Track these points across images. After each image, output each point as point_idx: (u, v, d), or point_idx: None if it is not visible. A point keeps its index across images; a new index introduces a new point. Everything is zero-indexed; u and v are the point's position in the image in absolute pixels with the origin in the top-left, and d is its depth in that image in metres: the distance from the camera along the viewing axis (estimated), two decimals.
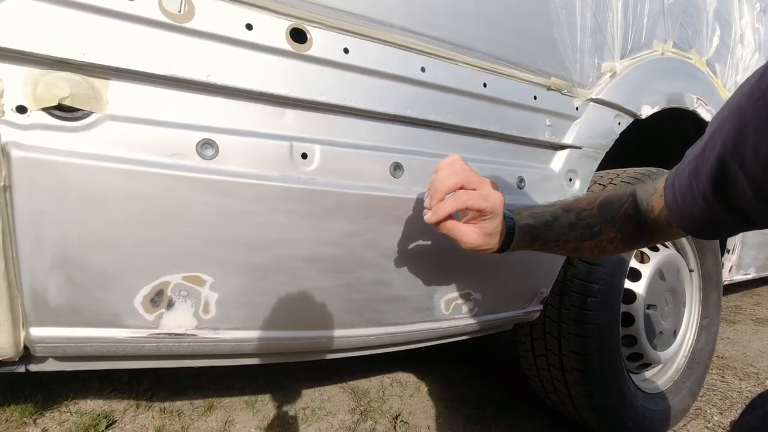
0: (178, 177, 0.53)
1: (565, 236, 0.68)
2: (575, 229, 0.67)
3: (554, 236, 0.68)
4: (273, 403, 1.43)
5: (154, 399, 1.39)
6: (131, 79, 0.52)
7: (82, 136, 0.49)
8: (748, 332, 2.34)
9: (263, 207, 0.59)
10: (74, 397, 1.34)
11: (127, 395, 1.39)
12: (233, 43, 0.57)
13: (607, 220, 0.65)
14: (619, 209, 0.64)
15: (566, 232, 0.67)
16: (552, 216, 0.68)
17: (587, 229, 0.66)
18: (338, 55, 0.64)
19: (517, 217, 0.69)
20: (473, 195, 0.59)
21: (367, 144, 0.68)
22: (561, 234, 0.68)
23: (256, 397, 1.45)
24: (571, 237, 0.67)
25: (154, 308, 0.56)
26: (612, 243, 0.66)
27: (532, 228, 0.68)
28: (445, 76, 0.75)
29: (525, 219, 0.69)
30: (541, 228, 0.68)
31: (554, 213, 0.69)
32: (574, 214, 0.67)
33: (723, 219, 0.48)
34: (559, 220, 0.68)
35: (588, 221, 0.66)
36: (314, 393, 1.51)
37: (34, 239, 0.47)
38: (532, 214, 0.70)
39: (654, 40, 1.11)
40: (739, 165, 0.42)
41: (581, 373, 1.06)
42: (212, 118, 0.57)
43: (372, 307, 0.73)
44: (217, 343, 0.62)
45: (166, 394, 1.41)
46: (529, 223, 0.68)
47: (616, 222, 0.64)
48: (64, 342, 0.52)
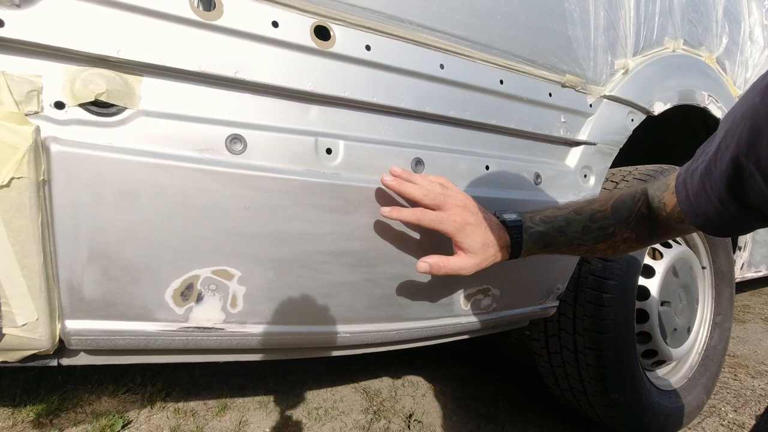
0: (208, 171, 0.54)
1: (579, 240, 0.68)
2: (588, 232, 0.67)
3: (567, 241, 0.69)
4: (286, 403, 1.44)
5: (168, 399, 1.39)
6: (163, 76, 0.53)
7: (117, 131, 0.50)
8: (758, 331, 2.33)
9: (289, 201, 0.59)
10: (89, 398, 1.35)
11: (141, 396, 1.39)
12: (260, 40, 0.58)
13: (621, 221, 0.65)
14: (632, 209, 0.64)
15: (579, 236, 0.68)
16: (565, 221, 0.69)
17: (601, 231, 0.66)
18: (360, 52, 0.65)
19: (528, 223, 0.70)
20: (429, 215, 0.62)
21: (388, 139, 0.69)
22: (574, 238, 0.68)
23: (269, 397, 1.45)
24: (585, 240, 0.68)
25: (184, 302, 0.56)
26: (626, 242, 0.66)
27: (543, 235, 0.69)
28: (463, 73, 0.76)
29: (537, 226, 0.70)
30: (553, 234, 0.69)
31: (567, 217, 0.69)
32: (587, 216, 0.67)
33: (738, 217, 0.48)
34: (572, 225, 0.68)
35: (601, 223, 0.66)
36: (326, 393, 1.51)
37: (71, 233, 0.48)
38: (544, 218, 0.70)
39: (665, 37, 1.11)
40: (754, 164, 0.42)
41: (597, 370, 1.06)
42: (240, 113, 0.57)
43: (394, 302, 0.73)
44: (243, 338, 0.62)
45: (180, 394, 1.42)
46: (541, 230, 0.69)
47: (630, 222, 0.64)
48: (98, 335, 0.53)
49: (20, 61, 0.46)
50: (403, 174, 0.64)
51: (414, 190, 0.62)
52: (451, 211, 0.63)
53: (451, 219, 0.63)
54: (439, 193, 0.64)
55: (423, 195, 0.62)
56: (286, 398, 1.46)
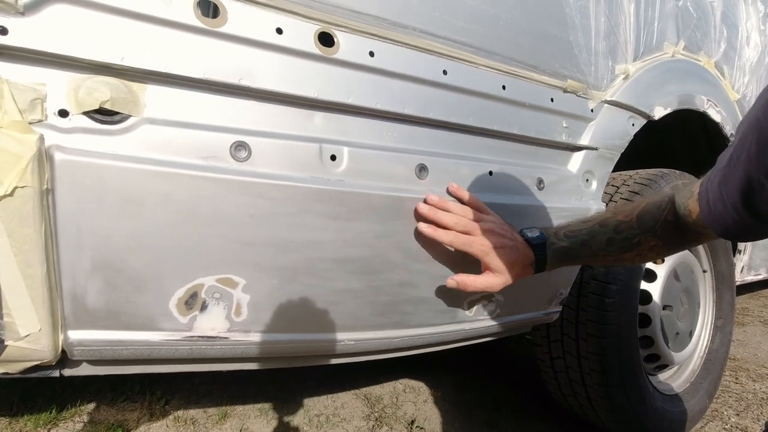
0: (212, 179, 0.53)
1: (604, 251, 0.69)
2: (614, 243, 0.68)
3: (592, 252, 0.71)
4: (286, 410, 1.42)
5: (168, 407, 1.38)
6: (167, 83, 0.52)
7: (121, 139, 0.50)
8: (758, 334, 2.33)
9: (294, 208, 0.59)
10: (88, 407, 1.33)
11: (140, 404, 1.38)
12: (264, 47, 0.58)
13: (646, 230, 0.65)
14: (658, 217, 0.65)
15: (604, 247, 0.69)
16: (588, 234, 0.70)
17: (626, 242, 0.67)
18: (364, 58, 0.65)
19: (552, 239, 0.72)
20: (460, 238, 0.68)
21: (392, 146, 0.69)
22: (599, 250, 0.70)
23: (269, 404, 1.44)
24: (610, 251, 0.69)
25: (188, 311, 0.56)
26: (653, 250, 0.67)
27: (567, 250, 0.71)
28: (466, 78, 0.76)
29: (560, 241, 0.72)
30: (577, 248, 0.71)
31: (591, 231, 0.70)
32: (611, 228, 0.68)
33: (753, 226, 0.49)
34: (596, 238, 0.70)
35: (626, 234, 0.67)
36: (327, 400, 1.50)
37: (75, 242, 0.48)
38: (568, 233, 0.72)
39: (665, 42, 1.12)
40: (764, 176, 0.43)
41: (600, 375, 1.06)
42: (245, 120, 0.57)
43: (398, 309, 0.73)
44: (248, 346, 0.62)
45: (179, 402, 1.41)
46: (565, 245, 0.72)
47: (657, 230, 0.65)
48: (101, 345, 0.52)
49: (24, 69, 0.46)
50: (439, 203, 0.69)
51: (446, 218, 0.68)
52: (480, 237, 0.68)
53: (479, 243, 0.68)
54: (470, 219, 0.69)
55: (454, 223, 0.68)
56: (286, 405, 1.45)
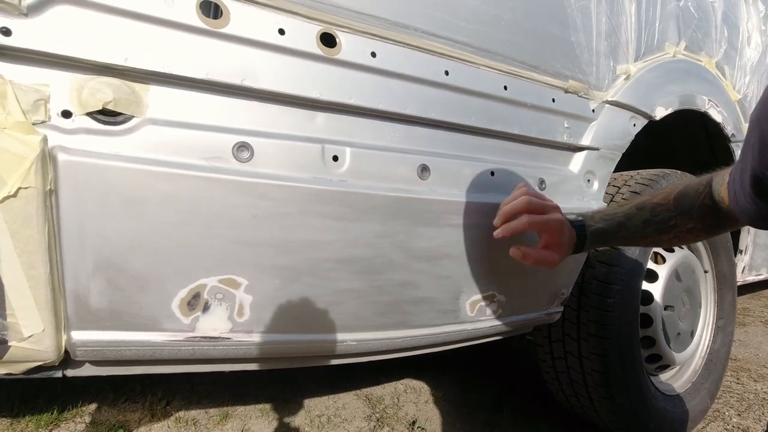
0: (215, 179, 0.53)
1: (640, 233, 0.72)
2: (650, 225, 0.70)
3: (628, 234, 0.73)
4: (288, 411, 1.42)
5: (169, 408, 1.38)
6: (170, 84, 0.53)
7: (124, 140, 0.50)
8: (759, 334, 2.33)
9: (296, 209, 0.59)
10: (89, 408, 1.33)
11: (141, 405, 1.38)
12: (266, 47, 0.58)
13: (683, 213, 0.67)
14: (695, 200, 0.66)
15: (641, 229, 0.71)
16: (625, 217, 0.72)
17: (662, 224, 0.69)
18: (366, 58, 0.65)
19: (589, 222, 0.75)
20: (537, 218, 0.69)
21: (394, 146, 0.69)
22: (635, 232, 0.72)
23: (270, 405, 1.44)
24: (647, 233, 0.71)
25: (190, 311, 0.56)
26: (691, 233, 0.69)
27: (604, 231, 0.74)
28: (467, 79, 0.76)
29: (597, 223, 0.74)
30: (613, 230, 0.73)
31: (627, 213, 0.73)
32: (648, 211, 0.70)
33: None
34: (632, 220, 0.72)
35: (663, 216, 0.69)
36: (328, 401, 1.50)
37: (78, 243, 0.48)
38: (605, 216, 0.75)
39: (666, 42, 1.12)
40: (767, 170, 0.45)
41: (602, 375, 1.06)
42: (247, 121, 0.57)
43: (400, 309, 0.73)
44: (250, 347, 0.62)
45: (180, 403, 1.40)
46: (601, 227, 0.74)
47: (693, 213, 0.67)
48: (104, 346, 0.52)
49: (27, 70, 0.46)
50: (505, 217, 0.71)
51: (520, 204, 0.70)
52: (553, 214, 0.71)
53: (554, 219, 0.70)
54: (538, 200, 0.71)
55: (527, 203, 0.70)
56: (287, 406, 1.45)
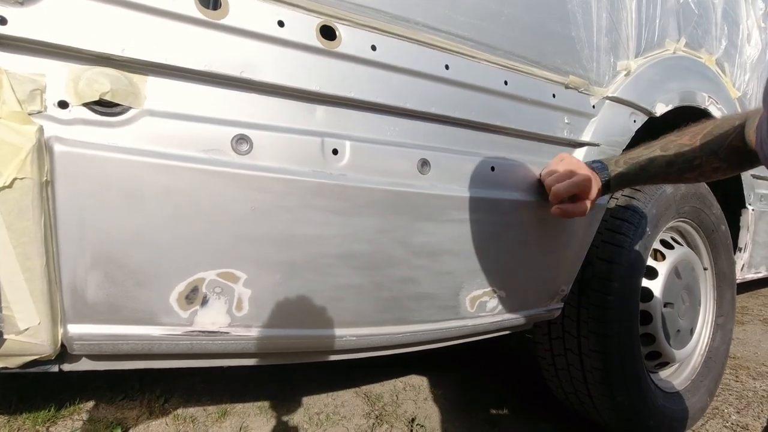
0: (214, 172, 0.53)
1: (664, 173, 0.77)
2: (673, 165, 0.74)
3: (651, 176, 0.79)
4: (286, 408, 1.42)
5: (167, 405, 1.37)
6: (168, 75, 0.52)
7: (122, 131, 0.49)
8: (758, 332, 2.34)
9: (296, 203, 0.59)
10: (86, 405, 1.32)
11: (139, 402, 1.37)
12: (266, 39, 0.57)
13: (709, 153, 0.71)
14: (723, 142, 0.69)
15: (664, 170, 0.76)
16: (647, 160, 0.78)
17: (687, 164, 0.73)
18: (366, 52, 0.65)
19: (612, 168, 0.81)
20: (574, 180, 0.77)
21: (395, 140, 0.68)
22: (659, 172, 0.77)
23: (269, 402, 1.44)
24: (670, 173, 0.76)
25: (188, 305, 0.55)
26: (716, 171, 0.73)
27: (627, 175, 0.79)
28: (468, 73, 0.76)
29: (620, 168, 0.80)
30: (636, 172, 0.79)
31: (650, 156, 0.78)
32: (672, 152, 0.74)
33: None
34: (655, 162, 0.76)
35: (688, 156, 0.72)
36: (327, 398, 1.49)
37: (75, 235, 0.47)
38: (628, 160, 0.80)
39: (666, 39, 1.12)
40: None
41: (603, 373, 1.05)
42: (246, 113, 0.57)
43: (400, 304, 0.72)
44: (249, 341, 0.61)
45: (179, 400, 1.40)
46: (623, 171, 0.80)
47: (720, 153, 0.70)
48: (101, 339, 0.52)
49: (23, 59, 0.45)
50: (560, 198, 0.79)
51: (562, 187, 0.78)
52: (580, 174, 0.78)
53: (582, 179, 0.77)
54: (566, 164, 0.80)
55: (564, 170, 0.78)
56: (286, 404, 1.45)
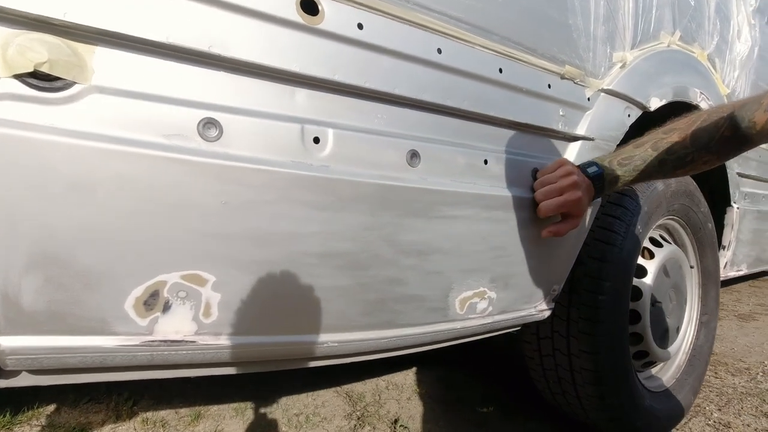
0: (176, 160, 0.46)
1: (657, 171, 0.76)
2: (666, 163, 0.74)
3: (645, 175, 0.78)
4: (264, 410, 1.36)
5: (136, 408, 1.30)
6: (122, 46, 0.45)
7: (63, 109, 0.42)
8: (734, 328, 2.38)
9: (272, 196, 0.52)
10: (47, 409, 1.24)
11: (106, 405, 1.29)
12: (238, 10, 0.50)
13: (701, 148, 0.71)
14: (714, 134, 0.70)
15: (657, 168, 0.76)
16: (641, 160, 0.77)
17: (678, 161, 0.73)
18: (352, 30, 0.58)
19: (607, 170, 0.79)
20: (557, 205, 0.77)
21: (382, 129, 0.62)
22: (652, 172, 0.77)
23: (246, 404, 1.37)
24: (663, 170, 0.76)
25: (147, 312, 0.48)
26: (707, 164, 0.74)
27: (621, 178, 0.79)
28: (461, 59, 0.70)
29: (614, 168, 0.79)
30: (629, 173, 0.78)
31: (643, 156, 0.77)
32: (664, 150, 0.74)
33: None
34: (649, 162, 0.76)
35: (679, 153, 0.73)
36: (307, 398, 1.44)
37: (5, 233, 0.40)
38: (621, 161, 0.79)
39: (661, 31, 1.08)
40: None
41: (592, 373, 1.03)
42: (215, 94, 0.50)
43: (387, 307, 0.67)
44: (219, 350, 0.55)
45: (148, 403, 1.32)
46: (618, 174, 0.79)
47: (711, 146, 0.71)
48: (42, 353, 0.45)
49: None
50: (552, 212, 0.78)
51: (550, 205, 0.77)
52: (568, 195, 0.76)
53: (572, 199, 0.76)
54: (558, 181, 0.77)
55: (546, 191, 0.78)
56: (264, 404, 1.39)
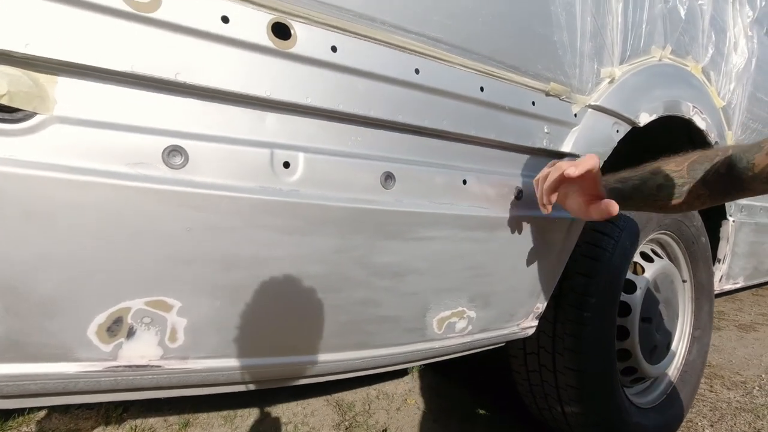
0: (140, 189, 0.46)
1: (653, 197, 0.76)
2: (663, 189, 0.74)
3: (642, 197, 0.77)
4: (253, 418, 1.36)
5: (125, 415, 1.31)
6: (85, 76, 0.45)
7: (24, 141, 0.42)
8: (733, 339, 2.35)
9: (239, 222, 0.52)
10: (37, 415, 1.25)
11: (96, 412, 1.30)
12: (206, 37, 0.50)
13: (696, 180, 0.71)
14: (710, 169, 0.69)
15: (654, 193, 0.75)
16: (640, 180, 0.76)
17: (676, 189, 0.73)
18: (325, 53, 0.58)
19: (605, 182, 0.78)
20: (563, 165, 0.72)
21: (355, 152, 0.62)
22: (649, 196, 0.76)
23: (234, 412, 1.38)
24: (660, 197, 0.75)
25: (111, 338, 0.49)
26: (699, 199, 0.72)
27: (620, 191, 0.77)
28: (440, 78, 0.70)
29: (613, 184, 0.78)
30: (629, 191, 0.77)
31: (642, 177, 0.77)
32: (662, 176, 0.74)
33: None
34: (648, 183, 0.75)
35: (677, 181, 0.72)
36: (297, 407, 1.44)
37: None
38: (620, 179, 0.79)
39: (652, 45, 1.07)
40: None
41: (576, 391, 1.02)
42: (181, 122, 0.50)
43: (360, 328, 0.67)
44: (186, 374, 0.55)
45: (138, 410, 1.33)
46: (617, 187, 0.78)
47: (707, 180, 0.70)
48: (1, 381, 0.45)
49: None
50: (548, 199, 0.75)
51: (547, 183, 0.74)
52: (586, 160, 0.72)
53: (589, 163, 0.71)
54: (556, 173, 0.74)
55: None
56: (253, 413, 1.39)
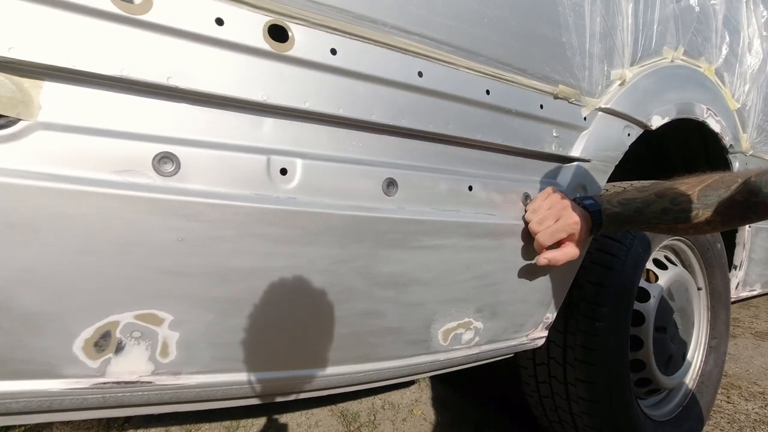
0: (129, 197, 0.44)
1: (657, 220, 0.73)
2: (668, 213, 0.71)
3: (644, 220, 0.74)
4: (256, 429, 1.34)
5: (128, 426, 1.29)
6: (71, 81, 0.43)
7: (7, 148, 0.40)
8: (749, 347, 2.28)
9: (234, 232, 0.50)
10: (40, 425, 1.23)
11: (97, 422, 1.28)
12: (200, 40, 0.48)
13: (707, 206, 0.68)
14: (724, 196, 0.67)
15: (658, 216, 0.73)
16: (643, 203, 0.74)
17: (682, 213, 0.70)
18: (324, 56, 0.56)
19: (606, 206, 0.76)
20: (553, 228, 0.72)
21: (356, 158, 0.60)
22: (652, 218, 0.73)
23: (237, 422, 1.35)
24: (664, 220, 0.72)
25: (98, 353, 0.47)
26: (710, 224, 0.70)
27: (620, 215, 0.75)
28: (444, 81, 0.67)
29: (614, 207, 0.76)
30: (629, 215, 0.75)
31: (646, 199, 0.74)
32: (668, 200, 0.71)
33: None
34: (651, 206, 0.73)
35: (684, 206, 0.70)
36: (301, 417, 1.41)
37: None
38: (622, 200, 0.76)
39: (664, 46, 1.04)
40: None
41: (588, 403, 0.98)
42: (173, 127, 0.48)
43: (362, 341, 0.64)
44: (178, 390, 0.53)
45: (139, 419, 1.31)
46: (618, 211, 0.76)
47: (719, 207, 0.67)
48: None
49: None
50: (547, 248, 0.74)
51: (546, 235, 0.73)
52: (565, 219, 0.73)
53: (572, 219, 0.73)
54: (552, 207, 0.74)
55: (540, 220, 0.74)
56: (256, 423, 1.36)
